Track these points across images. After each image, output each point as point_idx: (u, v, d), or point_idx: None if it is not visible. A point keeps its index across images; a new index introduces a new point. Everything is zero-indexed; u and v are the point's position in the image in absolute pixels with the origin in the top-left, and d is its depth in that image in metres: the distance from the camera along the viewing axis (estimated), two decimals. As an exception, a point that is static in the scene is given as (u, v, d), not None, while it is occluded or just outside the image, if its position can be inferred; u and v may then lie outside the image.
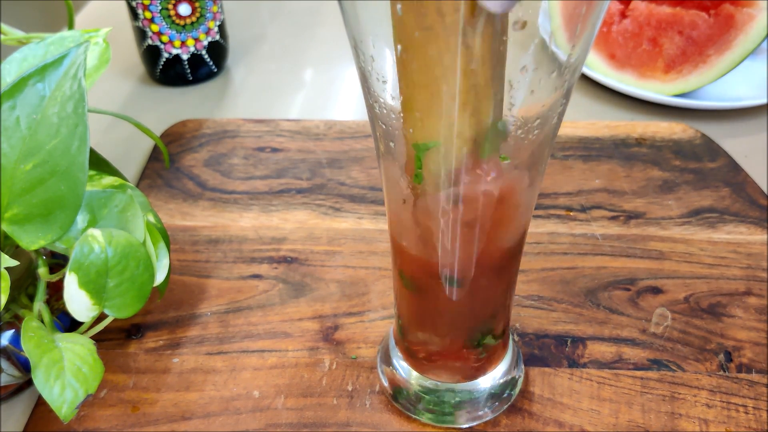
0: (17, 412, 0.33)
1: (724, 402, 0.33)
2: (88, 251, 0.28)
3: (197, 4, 0.54)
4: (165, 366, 0.34)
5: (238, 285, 0.39)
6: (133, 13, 0.54)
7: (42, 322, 0.31)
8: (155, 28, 0.54)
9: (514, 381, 0.33)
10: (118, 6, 0.65)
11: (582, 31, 0.20)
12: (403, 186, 0.24)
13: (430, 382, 0.31)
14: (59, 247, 0.30)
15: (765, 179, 0.47)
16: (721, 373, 0.34)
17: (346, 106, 0.57)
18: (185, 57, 0.56)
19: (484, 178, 0.22)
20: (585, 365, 0.34)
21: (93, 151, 0.34)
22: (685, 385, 0.33)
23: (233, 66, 0.62)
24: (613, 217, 0.43)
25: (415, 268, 0.28)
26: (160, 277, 0.32)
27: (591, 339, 0.36)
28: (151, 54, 0.56)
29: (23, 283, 0.32)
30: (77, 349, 0.29)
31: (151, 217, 0.34)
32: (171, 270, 0.37)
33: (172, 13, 0.53)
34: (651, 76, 0.55)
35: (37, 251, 0.31)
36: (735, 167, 0.48)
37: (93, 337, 0.31)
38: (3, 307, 0.28)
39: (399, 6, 0.18)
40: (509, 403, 0.32)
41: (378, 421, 0.32)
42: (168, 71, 0.57)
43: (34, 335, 0.28)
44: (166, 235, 0.34)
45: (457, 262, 0.26)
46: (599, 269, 0.40)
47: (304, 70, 0.62)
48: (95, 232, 0.29)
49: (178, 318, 0.37)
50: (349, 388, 0.33)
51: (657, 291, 0.38)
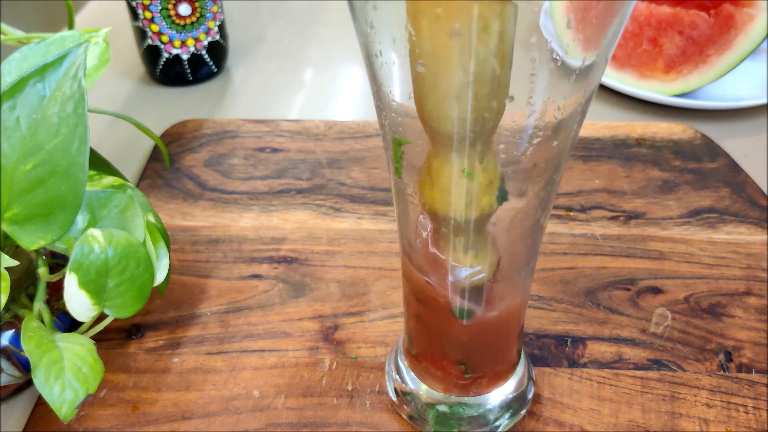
0: (17, 412, 0.33)
1: (724, 402, 0.33)
2: (88, 251, 0.28)
3: (197, 4, 0.54)
4: (165, 366, 0.34)
5: (238, 285, 0.39)
6: (133, 13, 0.54)
7: (42, 322, 0.31)
8: (155, 28, 0.54)
9: (524, 396, 0.32)
10: (118, 6, 0.65)
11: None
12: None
13: (439, 395, 0.31)
14: (59, 247, 0.30)
15: (765, 179, 0.47)
16: (721, 373, 0.34)
17: (346, 106, 0.57)
18: (185, 57, 0.56)
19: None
20: (585, 365, 0.34)
21: (93, 151, 0.34)
22: (686, 384, 0.33)
23: (233, 66, 0.62)
24: (613, 217, 0.43)
25: (424, 294, 0.27)
26: (160, 277, 0.32)
27: (591, 339, 0.36)
28: (151, 54, 0.56)
29: (23, 283, 0.32)
30: (77, 349, 0.29)
31: (151, 217, 0.34)
32: (171, 270, 0.37)
33: (172, 13, 0.53)
34: (651, 76, 0.55)
35: (37, 251, 0.31)
36: (735, 167, 0.48)
37: (93, 337, 0.31)
38: (3, 307, 0.28)
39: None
40: (520, 418, 0.32)
41: (378, 421, 0.32)
42: (168, 71, 0.57)
43: (34, 335, 0.28)
44: (166, 235, 0.34)
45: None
46: (599, 269, 0.40)
47: (304, 70, 0.62)
48: (95, 232, 0.29)
49: (178, 318, 0.37)
50: (349, 388, 0.33)
51: (657, 291, 0.38)
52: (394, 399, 0.32)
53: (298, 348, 0.35)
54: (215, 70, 0.59)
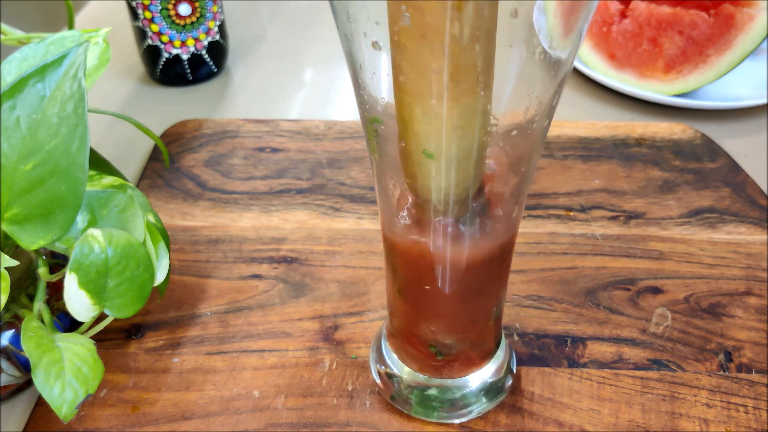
0: (17, 412, 0.33)
1: (724, 402, 0.33)
2: (88, 251, 0.28)
3: (197, 4, 0.54)
4: (165, 366, 0.34)
5: (238, 285, 0.39)
6: (133, 13, 0.54)
7: (42, 322, 0.31)
8: (155, 28, 0.54)
9: (503, 380, 0.33)
10: (118, 6, 0.65)
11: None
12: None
13: (422, 377, 0.31)
14: (59, 247, 0.30)
15: (765, 179, 0.47)
16: (721, 372, 0.34)
17: (346, 106, 0.57)
18: (185, 57, 0.56)
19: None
20: (585, 365, 0.34)
21: (93, 151, 0.34)
22: (685, 384, 0.33)
23: (233, 66, 0.62)
24: (613, 217, 0.43)
25: (408, 269, 0.28)
26: (160, 277, 0.32)
27: (591, 339, 0.36)
28: (151, 54, 0.56)
29: (23, 283, 0.32)
30: (77, 349, 0.29)
31: (151, 217, 0.34)
32: (171, 270, 0.38)
33: (172, 13, 0.53)
34: (651, 76, 0.55)
35: (37, 251, 0.31)
36: (735, 167, 0.48)
37: (93, 337, 0.31)
38: (3, 307, 0.28)
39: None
40: (500, 401, 0.32)
41: (378, 421, 0.32)
42: (168, 71, 0.57)
43: (34, 335, 0.28)
44: (166, 235, 0.34)
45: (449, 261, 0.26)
46: (599, 269, 0.40)
47: (304, 70, 0.62)
48: (95, 232, 0.29)
49: (178, 318, 0.37)
50: (349, 388, 0.33)
51: (657, 291, 0.38)
52: (378, 381, 0.33)
53: (298, 348, 0.35)
54: (215, 70, 0.59)
